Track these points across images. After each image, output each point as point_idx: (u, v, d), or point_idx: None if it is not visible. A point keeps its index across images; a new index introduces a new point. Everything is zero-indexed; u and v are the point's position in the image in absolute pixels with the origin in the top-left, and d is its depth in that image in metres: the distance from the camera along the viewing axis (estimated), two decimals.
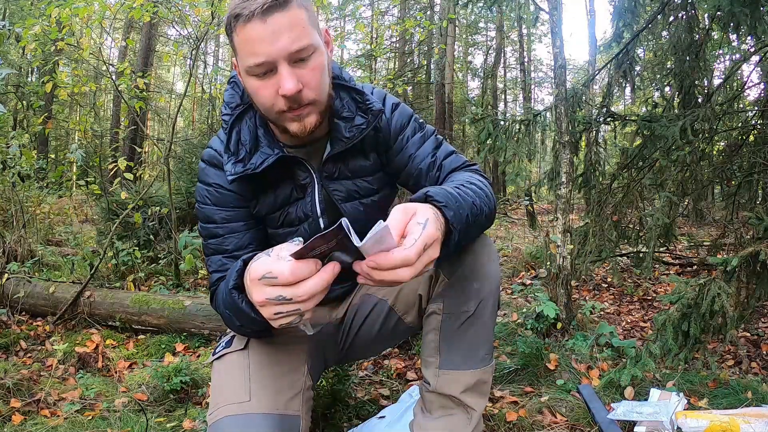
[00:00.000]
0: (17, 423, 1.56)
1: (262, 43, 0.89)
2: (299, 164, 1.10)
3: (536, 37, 18.11)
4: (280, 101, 0.94)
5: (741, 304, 1.73)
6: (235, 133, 1.07)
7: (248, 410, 1.00)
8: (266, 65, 0.91)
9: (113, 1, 3.55)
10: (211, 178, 1.11)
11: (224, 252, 1.09)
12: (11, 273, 2.81)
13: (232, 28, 0.92)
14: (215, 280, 1.09)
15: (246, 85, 0.98)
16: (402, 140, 1.14)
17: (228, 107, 1.10)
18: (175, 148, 4.83)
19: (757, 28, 2.32)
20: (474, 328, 1.09)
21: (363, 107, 1.08)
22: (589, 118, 3.04)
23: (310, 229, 1.13)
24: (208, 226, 1.11)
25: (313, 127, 0.99)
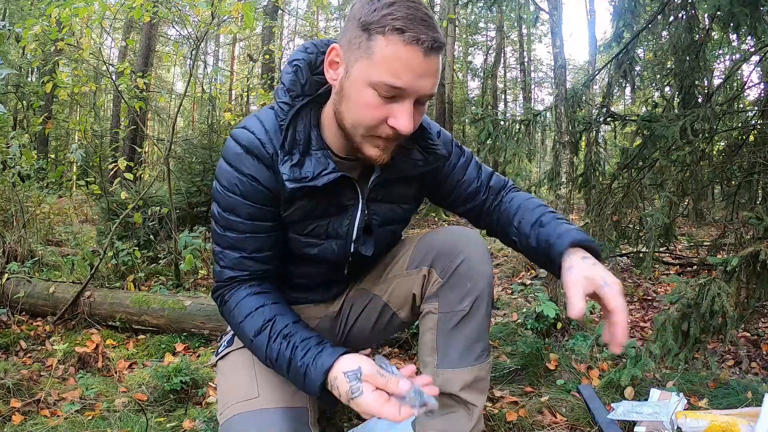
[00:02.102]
0: (17, 423, 1.56)
1: (411, 73, 0.85)
2: (349, 184, 1.04)
3: (536, 37, 18.11)
4: (386, 129, 0.90)
5: (741, 304, 1.73)
6: (292, 128, 0.98)
7: (258, 406, 1.01)
8: (398, 92, 0.87)
9: (113, 1, 3.55)
10: (247, 168, 0.98)
11: (243, 250, 1.02)
12: (11, 273, 2.81)
13: (380, 33, 0.84)
14: (227, 278, 1.03)
15: (352, 92, 0.90)
16: (448, 167, 1.16)
17: (288, 95, 1.00)
18: (175, 148, 4.83)
19: (757, 28, 2.32)
20: (469, 326, 1.11)
21: (423, 144, 1.06)
22: (589, 118, 3.04)
23: (337, 248, 1.09)
24: (229, 217, 1.01)
25: (386, 160, 0.96)
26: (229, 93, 15.28)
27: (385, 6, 0.84)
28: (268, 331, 0.96)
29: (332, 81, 0.94)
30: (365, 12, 0.86)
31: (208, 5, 3.02)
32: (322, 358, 0.89)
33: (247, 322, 0.98)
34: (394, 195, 1.11)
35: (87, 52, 3.21)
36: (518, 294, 3.23)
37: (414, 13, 0.84)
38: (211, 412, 1.61)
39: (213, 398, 1.76)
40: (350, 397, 0.84)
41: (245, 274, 1.03)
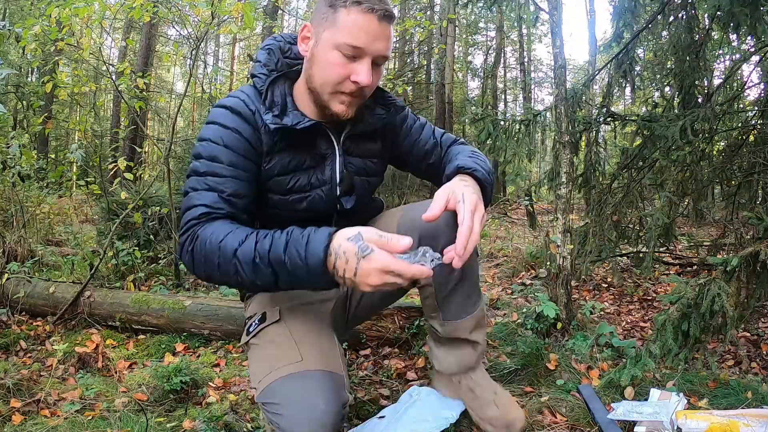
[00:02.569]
0: (17, 423, 1.56)
1: (368, 35, 1.04)
2: (323, 135, 1.20)
3: (536, 37, 18.09)
4: (349, 85, 1.08)
5: (741, 304, 1.73)
6: (270, 93, 1.15)
7: (304, 368, 1.08)
8: (358, 51, 1.05)
9: (113, 1, 3.55)
10: (230, 122, 1.13)
11: (221, 192, 1.08)
12: (11, 273, 2.81)
13: (343, 6, 1.04)
14: (199, 214, 1.06)
15: (321, 53, 1.08)
16: (406, 128, 1.35)
17: (264, 68, 1.19)
18: (175, 148, 4.83)
19: (757, 28, 2.32)
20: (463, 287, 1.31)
21: (383, 101, 1.25)
22: (589, 118, 3.04)
23: (324, 195, 1.21)
24: (211, 164, 1.10)
25: (350, 115, 1.13)
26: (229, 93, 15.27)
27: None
28: (255, 235, 0.99)
29: (304, 52, 1.14)
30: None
31: (208, 5, 3.02)
32: (322, 230, 0.95)
33: (229, 238, 1.00)
34: (363, 150, 1.27)
35: (87, 52, 3.21)
36: (518, 294, 3.23)
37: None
38: (211, 412, 1.61)
39: (213, 398, 1.76)
40: (361, 257, 0.89)
41: (219, 212, 1.07)
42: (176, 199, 3.47)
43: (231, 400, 1.72)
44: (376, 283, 0.90)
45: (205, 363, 2.11)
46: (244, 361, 2.14)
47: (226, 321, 2.32)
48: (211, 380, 1.91)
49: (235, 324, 2.30)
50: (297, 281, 0.96)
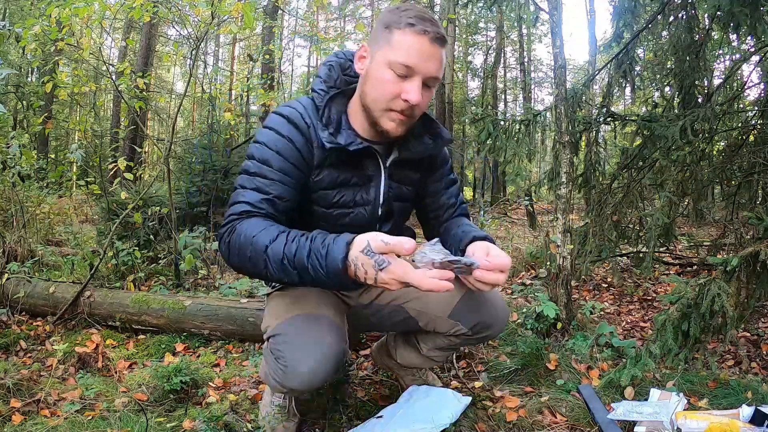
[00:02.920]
0: (17, 423, 1.56)
1: (420, 56, 1.11)
2: (372, 157, 1.27)
3: (536, 37, 18.08)
4: (399, 103, 1.13)
5: (741, 304, 1.73)
6: (328, 109, 1.22)
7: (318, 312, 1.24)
8: (409, 71, 1.11)
9: (113, 1, 3.55)
10: (285, 131, 1.20)
11: (266, 194, 1.16)
12: (11, 273, 2.81)
13: (397, 27, 1.11)
14: (240, 211, 1.14)
15: (374, 71, 1.15)
16: (442, 172, 1.42)
17: (324, 84, 1.26)
18: (175, 148, 4.84)
19: (757, 28, 2.32)
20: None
21: (431, 132, 1.31)
22: (589, 118, 3.04)
23: (366, 214, 1.30)
24: (262, 166, 1.18)
25: (400, 134, 1.20)
26: (229, 93, 15.27)
27: (402, 11, 1.13)
28: (285, 236, 1.06)
29: (360, 71, 1.20)
30: (389, 17, 1.14)
31: (208, 5, 3.02)
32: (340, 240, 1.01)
33: (262, 234, 1.07)
34: (404, 176, 1.34)
35: (87, 52, 3.21)
36: (518, 294, 3.23)
37: (423, 15, 1.12)
38: (211, 412, 1.61)
39: (213, 398, 1.76)
40: (378, 269, 0.96)
41: (259, 210, 1.15)
42: (176, 199, 3.47)
43: (231, 400, 1.72)
44: (396, 290, 0.99)
45: (205, 363, 2.11)
46: (244, 361, 2.14)
47: (226, 321, 2.32)
48: (211, 380, 1.91)
49: (235, 324, 2.30)
50: (320, 284, 1.03)
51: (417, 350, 1.58)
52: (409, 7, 1.14)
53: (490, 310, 1.42)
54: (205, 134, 5.54)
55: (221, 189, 4.54)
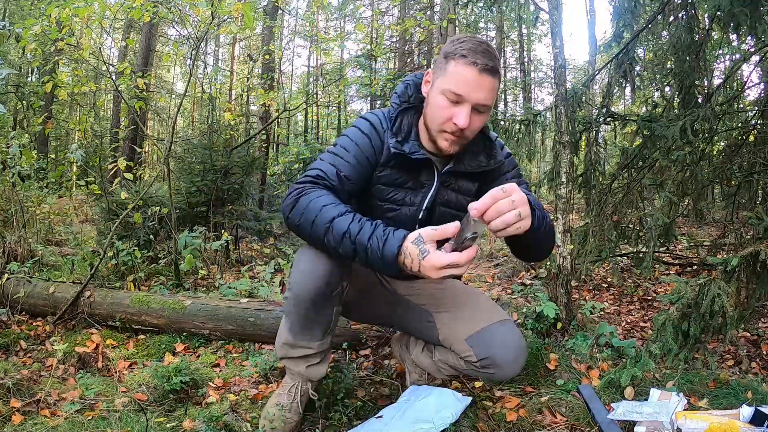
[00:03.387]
0: (17, 423, 1.56)
1: (468, 85, 1.24)
2: (429, 168, 1.43)
3: (536, 37, 18.07)
4: (450, 125, 1.28)
5: (741, 304, 1.73)
6: (399, 121, 1.41)
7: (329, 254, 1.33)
8: (459, 98, 1.25)
9: (113, 1, 3.55)
10: (366, 130, 1.42)
11: (339, 171, 1.35)
12: (11, 273, 2.81)
13: (453, 58, 1.26)
14: (315, 175, 1.32)
15: (431, 98, 1.32)
16: (503, 180, 1.48)
17: (399, 98, 1.44)
18: (175, 148, 4.83)
19: (757, 28, 2.32)
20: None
21: (488, 151, 1.45)
22: (589, 118, 3.03)
23: (409, 215, 1.46)
24: (341, 150, 1.39)
25: (453, 151, 1.36)
26: (229, 93, 15.26)
27: (459, 42, 1.27)
28: (352, 215, 1.20)
29: (425, 93, 1.38)
30: (449, 47, 1.29)
31: (208, 5, 3.02)
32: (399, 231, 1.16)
33: (331, 207, 1.22)
34: (459, 186, 1.47)
35: (87, 52, 3.20)
36: (518, 294, 3.23)
37: (476, 47, 1.24)
38: (211, 412, 1.61)
39: (213, 398, 1.76)
40: (421, 258, 1.09)
41: (330, 182, 1.32)
42: (176, 199, 3.47)
43: (231, 400, 1.72)
44: (438, 277, 1.09)
45: (205, 363, 2.11)
46: (244, 361, 2.14)
47: (226, 321, 2.32)
48: (211, 380, 1.91)
49: (235, 324, 2.30)
50: (371, 264, 1.17)
51: (431, 354, 1.65)
52: (467, 39, 1.26)
53: (505, 352, 1.44)
54: (205, 134, 5.53)
55: (221, 189, 4.53)
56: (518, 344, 1.46)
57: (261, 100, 6.36)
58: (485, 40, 1.28)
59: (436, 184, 1.44)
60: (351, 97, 19.33)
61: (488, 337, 1.45)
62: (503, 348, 1.43)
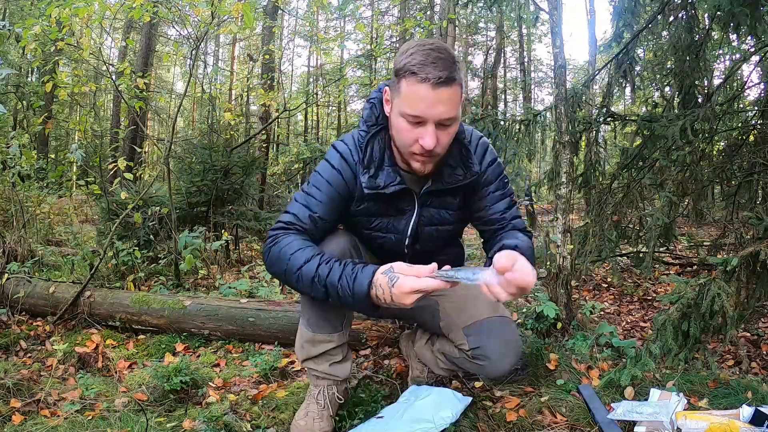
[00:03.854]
0: (17, 423, 1.56)
1: (423, 103, 1.15)
2: (408, 193, 1.37)
3: (536, 37, 18.09)
4: (417, 147, 1.21)
5: (741, 304, 1.73)
6: (369, 149, 1.33)
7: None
8: (419, 119, 1.17)
9: (113, 1, 3.55)
10: (336, 164, 1.37)
11: (311, 212, 1.34)
12: (11, 273, 2.81)
13: (404, 75, 1.16)
14: (287, 221, 1.33)
15: (393, 120, 1.25)
16: (485, 191, 1.44)
17: (365, 124, 1.36)
18: (175, 148, 4.83)
19: (757, 28, 2.32)
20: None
21: (465, 163, 1.36)
22: (589, 118, 3.03)
23: (395, 240, 1.45)
24: (313, 188, 1.37)
25: (429, 171, 1.31)
26: (229, 93, 15.26)
27: (407, 56, 1.16)
28: (319, 258, 1.22)
29: (388, 113, 1.29)
30: (397, 62, 1.19)
31: (208, 5, 3.02)
32: (368, 268, 1.17)
33: (299, 253, 1.24)
34: (441, 202, 1.42)
35: (87, 52, 3.20)
36: None
37: (425, 59, 1.14)
38: (211, 412, 1.61)
39: (213, 398, 1.76)
40: (391, 285, 1.10)
41: (302, 225, 1.33)
42: (176, 199, 3.47)
43: (231, 400, 1.72)
44: (410, 302, 1.11)
45: (205, 363, 2.11)
46: (244, 361, 2.14)
47: (226, 321, 2.32)
48: (211, 380, 1.91)
49: (235, 324, 2.30)
50: (344, 302, 1.19)
51: (431, 346, 1.66)
52: (415, 50, 1.16)
53: (497, 345, 1.44)
54: (205, 134, 5.54)
55: (221, 189, 4.53)
56: (512, 340, 1.45)
57: (261, 100, 6.36)
58: (436, 44, 1.18)
59: (417, 209, 1.41)
60: (351, 97, 19.34)
61: (484, 328, 1.45)
62: (496, 341, 1.43)
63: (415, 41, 1.21)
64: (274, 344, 2.22)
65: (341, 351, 1.54)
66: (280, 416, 1.63)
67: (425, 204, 1.41)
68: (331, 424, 1.53)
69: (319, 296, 1.23)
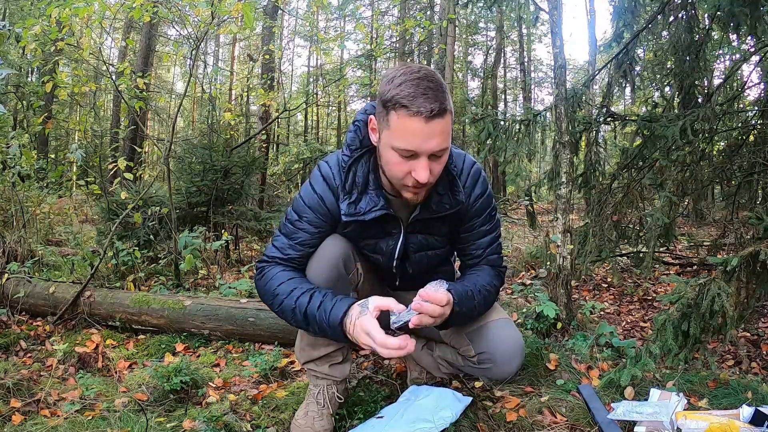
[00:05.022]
0: (17, 423, 1.56)
1: (416, 138, 1.11)
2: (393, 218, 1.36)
3: (536, 37, 18.08)
4: (410, 179, 1.18)
5: (741, 304, 1.73)
6: (352, 174, 1.31)
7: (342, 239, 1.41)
8: (411, 153, 1.14)
9: (113, 1, 3.55)
10: (319, 188, 1.35)
11: (292, 240, 1.37)
12: (11, 273, 2.81)
13: (393, 108, 1.11)
14: (271, 255, 1.37)
15: (382, 153, 1.21)
16: (472, 225, 1.44)
17: (348, 149, 1.32)
18: (175, 148, 4.83)
19: (757, 28, 2.32)
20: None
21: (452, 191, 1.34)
22: (589, 118, 3.03)
23: (383, 263, 1.46)
24: (294, 216, 1.38)
25: (420, 200, 1.30)
26: (229, 93, 15.26)
27: (395, 86, 1.11)
28: (300, 291, 1.27)
29: (375, 143, 1.25)
30: (383, 91, 1.14)
31: (208, 5, 3.02)
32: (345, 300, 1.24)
33: (282, 287, 1.30)
34: (431, 228, 1.41)
35: (87, 52, 3.21)
36: (518, 294, 3.23)
37: (415, 90, 1.09)
38: (211, 412, 1.61)
39: (213, 398, 1.76)
40: (356, 318, 1.15)
41: (284, 257, 1.36)
42: (176, 199, 3.47)
43: (231, 400, 1.72)
44: (362, 342, 1.15)
45: (205, 363, 2.11)
46: (244, 361, 2.14)
47: (226, 321, 2.32)
48: (211, 380, 1.91)
49: (235, 324, 2.30)
50: (321, 332, 1.24)
51: (431, 352, 1.68)
52: (403, 79, 1.11)
53: (503, 348, 1.44)
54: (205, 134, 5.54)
55: (221, 189, 4.53)
56: (516, 343, 1.46)
57: (261, 100, 6.36)
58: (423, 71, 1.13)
59: (403, 234, 1.40)
60: (351, 97, 19.34)
61: (488, 332, 1.46)
62: (501, 344, 1.44)
63: (400, 68, 1.15)
64: (274, 344, 2.22)
65: (341, 353, 1.54)
66: (280, 416, 1.63)
67: (413, 231, 1.40)
68: (331, 423, 1.53)
69: (301, 326, 1.30)
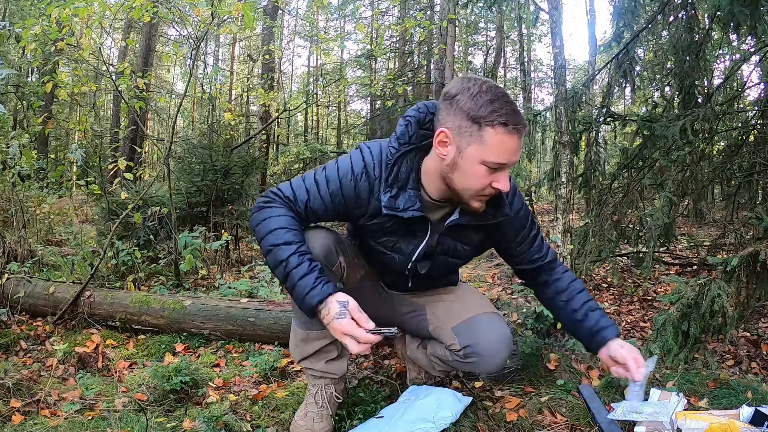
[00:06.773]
0: (17, 423, 1.56)
1: (510, 152, 1.17)
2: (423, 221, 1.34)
3: (536, 37, 18.09)
4: (490, 190, 1.22)
5: (741, 304, 1.73)
6: (396, 168, 1.29)
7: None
8: (503, 166, 1.18)
9: (113, 1, 3.55)
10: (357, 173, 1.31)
11: (308, 200, 1.32)
12: (11, 273, 2.81)
13: (490, 125, 1.14)
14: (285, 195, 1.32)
15: (466, 166, 1.20)
16: (523, 237, 1.46)
17: (397, 141, 1.29)
18: (175, 148, 4.83)
19: (757, 28, 2.32)
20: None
21: (496, 201, 1.31)
22: (589, 118, 3.04)
23: (399, 261, 1.43)
24: (322, 182, 1.33)
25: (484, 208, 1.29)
26: (229, 93, 15.26)
27: (489, 103, 1.14)
28: (297, 246, 1.24)
29: (442, 156, 1.22)
30: (473, 107, 1.15)
31: (208, 5, 3.02)
32: (328, 286, 1.21)
33: (279, 232, 1.26)
34: (463, 236, 1.40)
35: (87, 52, 3.20)
36: (518, 294, 3.23)
37: (511, 107, 1.15)
38: (211, 412, 1.61)
39: (213, 398, 1.76)
40: (334, 317, 1.17)
41: (298, 206, 1.33)
42: (176, 199, 3.47)
43: (231, 400, 1.72)
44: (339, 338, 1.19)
45: (205, 363, 2.11)
46: (244, 361, 2.14)
47: (226, 321, 2.32)
48: (211, 380, 1.91)
49: (235, 324, 2.30)
50: (293, 295, 1.24)
51: (425, 350, 1.66)
52: (494, 97, 1.14)
53: (489, 342, 1.44)
54: (205, 134, 5.54)
55: (221, 189, 4.53)
56: (501, 335, 1.45)
57: (261, 100, 6.36)
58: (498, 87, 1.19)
59: (428, 237, 1.38)
60: (351, 97, 19.34)
61: (473, 325, 1.46)
62: (485, 336, 1.43)
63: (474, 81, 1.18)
64: (274, 344, 2.22)
65: (336, 347, 1.54)
66: (280, 416, 1.63)
67: (446, 233, 1.38)
68: (330, 423, 1.53)
69: (280, 279, 1.27)
